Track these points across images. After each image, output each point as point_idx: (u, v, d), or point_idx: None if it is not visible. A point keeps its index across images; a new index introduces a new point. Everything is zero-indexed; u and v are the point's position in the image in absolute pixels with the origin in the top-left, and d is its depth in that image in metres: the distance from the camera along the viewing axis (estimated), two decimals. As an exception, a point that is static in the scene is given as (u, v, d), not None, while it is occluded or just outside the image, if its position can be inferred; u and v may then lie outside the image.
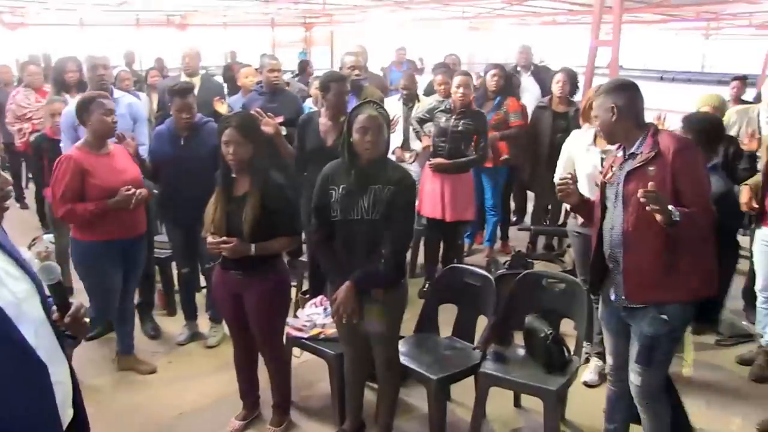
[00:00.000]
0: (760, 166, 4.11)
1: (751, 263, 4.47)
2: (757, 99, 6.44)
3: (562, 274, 3.90)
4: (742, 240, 5.48)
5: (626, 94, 2.80)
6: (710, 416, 3.73)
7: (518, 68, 7.45)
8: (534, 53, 7.66)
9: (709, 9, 17.40)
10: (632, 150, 2.78)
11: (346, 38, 21.69)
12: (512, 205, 6.92)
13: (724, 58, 27.81)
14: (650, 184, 2.50)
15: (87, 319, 1.85)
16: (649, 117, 3.97)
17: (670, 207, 2.52)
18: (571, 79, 5.76)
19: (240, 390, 3.68)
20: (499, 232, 6.45)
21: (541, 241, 6.46)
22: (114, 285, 3.90)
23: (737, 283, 4.54)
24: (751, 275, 4.58)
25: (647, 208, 2.51)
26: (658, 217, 2.51)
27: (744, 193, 4.05)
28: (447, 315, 3.86)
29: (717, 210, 2.81)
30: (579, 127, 4.97)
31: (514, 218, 6.85)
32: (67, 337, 1.83)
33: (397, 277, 3.17)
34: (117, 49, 11.29)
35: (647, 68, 31.04)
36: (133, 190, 3.69)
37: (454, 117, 5.15)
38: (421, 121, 5.52)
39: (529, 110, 6.07)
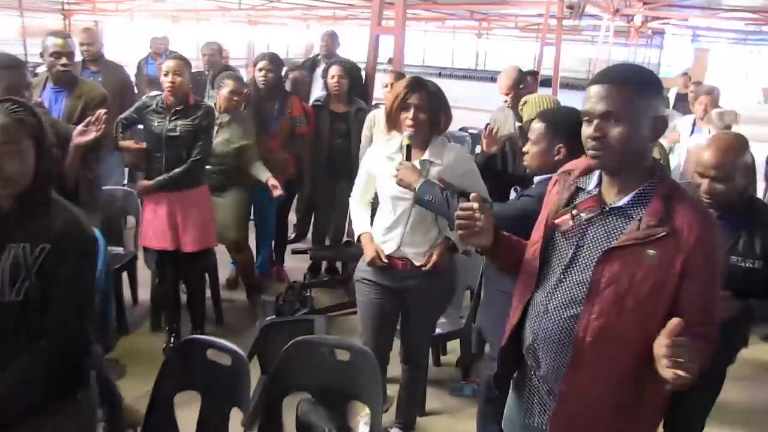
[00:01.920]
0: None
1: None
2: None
3: (345, 341, 2.77)
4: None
5: (662, 103, 1.68)
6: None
7: (319, 57, 6.27)
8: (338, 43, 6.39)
9: (479, 9, 17.67)
10: (621, 202, 1.64)
11: (116, 30, 19.41)
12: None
13: (495, 57, 29.18)
14: (675, 321, 1.38)
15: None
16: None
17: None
18: (350, 72, 4.71)
19: None
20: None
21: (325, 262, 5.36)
22: None
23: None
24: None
25: (670, 374, 1.37)
26: (678, 375, 1.37)
27: None
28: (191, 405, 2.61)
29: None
30: (360, 130, 4.00)
31: (292, 235, 5.69)
32: None
33: (67, 389, 1.88)
34: None
35: (427, 65, 31.92)
36: None
37: (169, 117, 3.72)
38: (127, 125, 3.96)
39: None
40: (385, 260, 2.81)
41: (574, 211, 1.69)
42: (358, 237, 2.95)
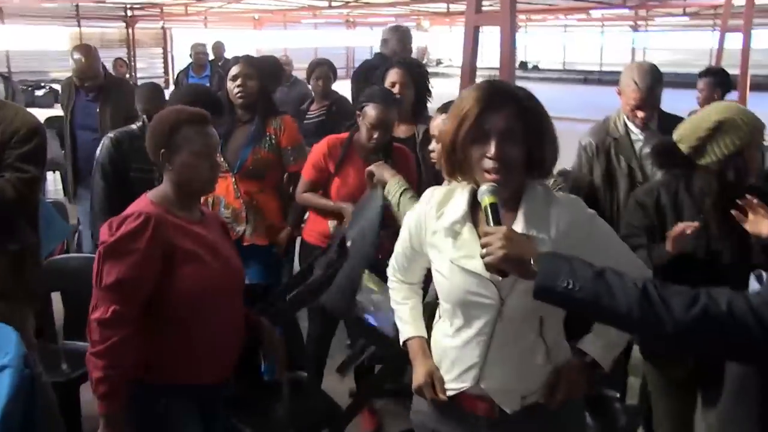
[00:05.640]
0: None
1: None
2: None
3: None
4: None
5: None
6: None
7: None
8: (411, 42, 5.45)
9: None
10: None
11: (188, 40, 19.79)
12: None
13: (657, 55, 27.50)
14: None
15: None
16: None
17: None
18: (418, 79, 3.80)
19: None
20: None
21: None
22: None
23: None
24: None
25: None
26: None
27: None
28: None
29: None
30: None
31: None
32: None
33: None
34: None
35: (568, 68, 30.74)
36: None
37: None
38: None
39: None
40: (444, 396, 1.99)
41: None
42: (403, 342, 2.17)
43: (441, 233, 1.91)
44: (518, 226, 1.82)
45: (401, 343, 2.17)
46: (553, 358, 1.94)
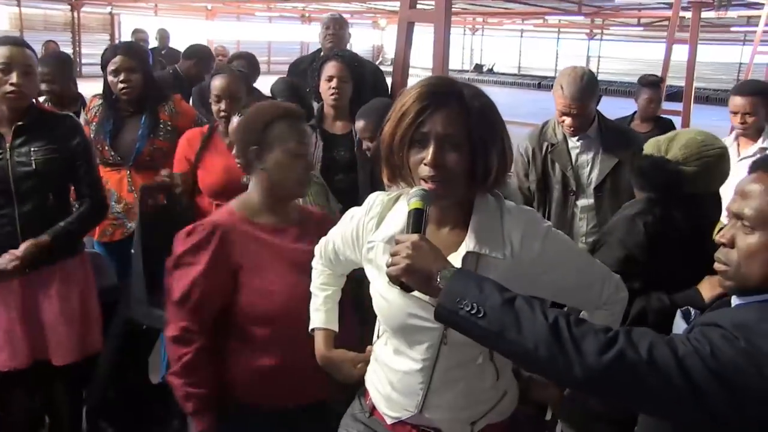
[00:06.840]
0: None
1: None
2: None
3: None
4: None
5: None
6: None
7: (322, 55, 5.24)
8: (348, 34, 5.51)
9: (590, 0, 16.64)
10: None
11: (135, 26, 19.47)
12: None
13: (612, 63, 27.85)
14: None
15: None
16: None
17: None
18: (356, 72, 3.70)
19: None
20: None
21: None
22: None
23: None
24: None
25: None
26: None
27: None
28: None
29: None
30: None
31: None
32: None
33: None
34: None
35: (523, 73, 30.94)
36: None
37: (10, 143, 2.74)
38: None
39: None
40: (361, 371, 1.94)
41: None
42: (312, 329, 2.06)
43: (379, 248, 1.74)
44: (470, 245, 1.64)
45: (309, 329, 2.04)
46: (502, 378, 1.81)
